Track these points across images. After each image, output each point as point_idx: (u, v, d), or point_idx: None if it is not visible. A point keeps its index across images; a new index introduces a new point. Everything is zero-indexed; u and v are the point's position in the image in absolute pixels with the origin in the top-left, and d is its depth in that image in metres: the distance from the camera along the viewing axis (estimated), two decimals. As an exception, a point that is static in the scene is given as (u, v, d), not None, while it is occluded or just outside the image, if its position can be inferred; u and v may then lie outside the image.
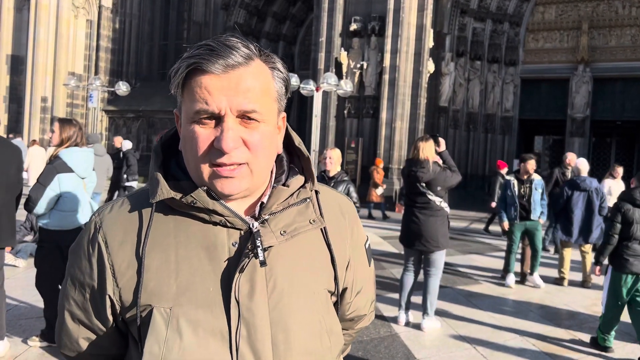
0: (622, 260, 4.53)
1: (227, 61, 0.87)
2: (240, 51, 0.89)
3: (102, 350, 1.04)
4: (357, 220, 1.15)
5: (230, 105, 0.88)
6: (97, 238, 0.96)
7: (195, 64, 0.88)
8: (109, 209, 1.00)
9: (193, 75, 0.89)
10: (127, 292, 0.93)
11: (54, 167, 3.92)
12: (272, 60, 0.96)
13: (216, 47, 0.88)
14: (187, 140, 0.91)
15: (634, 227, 4.53)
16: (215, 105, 0.87)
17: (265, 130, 0.92)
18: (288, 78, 0.99)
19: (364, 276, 1.15)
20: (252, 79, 0.90)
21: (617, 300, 4.58)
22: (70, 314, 1.00)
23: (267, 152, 0.94)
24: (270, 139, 0.94)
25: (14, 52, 23.47)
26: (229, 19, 22.84)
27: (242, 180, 0.91)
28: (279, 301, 0.93)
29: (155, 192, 0.93)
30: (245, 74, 0.89)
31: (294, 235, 0.97)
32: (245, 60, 0.89)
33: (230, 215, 0.93)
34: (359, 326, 1.23)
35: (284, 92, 0.98)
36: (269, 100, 0.93)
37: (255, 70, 0.91)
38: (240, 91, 0.88)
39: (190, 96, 0.90)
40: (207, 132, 0.89)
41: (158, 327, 0.89)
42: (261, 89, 0.91)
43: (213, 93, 0.87)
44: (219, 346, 0.89)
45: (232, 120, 0.89)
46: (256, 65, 0.92)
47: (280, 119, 0.99)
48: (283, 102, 0.98)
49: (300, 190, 1.01)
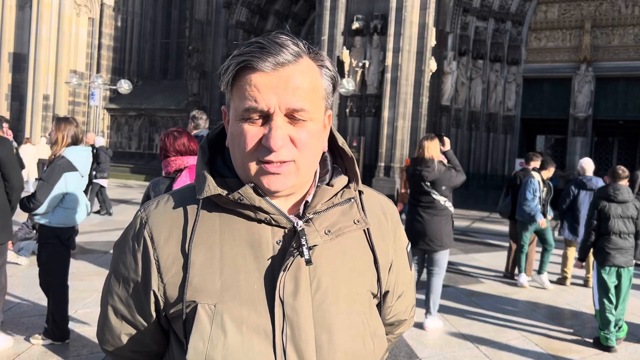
0: (605, 254, 4.78)
1: (277, 59, 0.87)
2: (290, 49, 0.89)
3: (142, 347, 1.04)
4: (399, 222, 1.14)
5: (279, 104, 0.88)
6: (142, 233, 0.96)
7: (246, 62, 0.88)
8: (155, 204, 1.00)
9: (243, 73, 0.89)
10: (172, 288, 0.93)
11: (60, 165, 3.94)
12: (320, 58, 0.95)
13: (266, 44, 0.88)
14: (235, 138, 0.92)
15: (612, 222, 4.79)
16: (265, 103, 0.87)
17: (313, 128, 0.92)
18: (336, 76, 0.98)
19: (405, 280, 1.13)
20: (301, 77, 0.90)
21: (605, 293, 4.77)
22: (114, 309, 1.00)
23: (313, 150, 0.94)
24: (317, 137, 0.94)
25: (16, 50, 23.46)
26: (231, 17, 22.82)
27: (288, 177, 0.91)
28: (322, 301, 0.93)
29: (202, 189, 0.93)
30: (295, 72, 0.89)
31: (338, 235, 0.97)
32: (294, 58, 0.89)
33: (276, 213, 0.93)
34: (398, 331, 1.22)
35: (332, 90, 0.98)
36: (317, 98, 0.93)
37: (304, 69, 0.91)
38: (289, 89, 0.88)
39: (239, 94, 0.90)
40: (255, 130, 0.89)
41: (202, 323, 0.89)
42: (310, 87, 0.91)
43: (262, 91, 0.87)
44: (263, 345, 0.89)
45: (281, 119, 0.88)
46: (305, 63, 0.91)
47: (326, 117, 0.99)
48: (330, 100, 0.98)
49: (344, 190, 1.00)
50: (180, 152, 3.20)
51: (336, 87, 0.99)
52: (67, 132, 4.03)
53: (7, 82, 23.51)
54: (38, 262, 4.15)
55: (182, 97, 23.90)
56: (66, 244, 4.13)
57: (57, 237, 4.05)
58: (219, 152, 1.02)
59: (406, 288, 1.14)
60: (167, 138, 3.23)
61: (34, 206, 3.89)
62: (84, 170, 4.15)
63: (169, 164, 3.18)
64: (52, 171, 3.94)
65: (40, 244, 4.12)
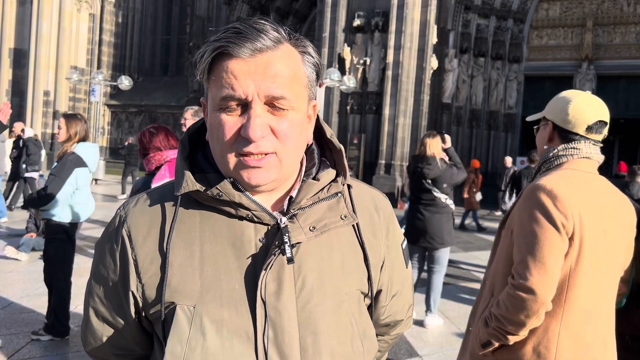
0: None
1: (254, 45, 0.82)
2: (269, 34, 0.84)
3: (125, 350, 1.00)
4: (393, 217, 1.07)
5: (257, 91, 0.83)
6: (121, 232, 0.92)
7: (222, 48, 0.83)
8: (134, 202, 0.96)
9: (219, 60, 0.85)
10: (151, 289, 0.89)
11: (71, 161, 3.99)
12: (302, 44, 0.90)
13: (244, 30, 0.83)
14: (213, 129, 0.87)
15: None
16: (242, 90, 0.82)
17: (295, 118, 0.87)
18: (320, 63, 0.93)
19: (401, 279, 1.07)
20: (281, 63, 0.84)
21: None
22: (95, 311, 0.96)
23: (296, 142, 0.89)
24: (300, 128, 0.89)
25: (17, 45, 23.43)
26: (232, 14, 22.79)
27: (269, 170, 0.86)
28: (307, 301, 0.88)
29: (180, 185, 0.89)
30: (274, 58, 0.84)
31: (324, 231, 0.91)
32: (274, 43, 0.84)
33: (257, 210, 0.88)
34: (395, 332, 1.15)
35: (315, 79, 0.92)
36: (298, 86, 0.88)
37: (285, 55, 0.86)
38: (268, 76, 0.83)
39: (216, 82, 0.85)
40: (233, 120, 0.84)
41: (181, 325, 0.85)
42: (290, 74, 0.86)
43: (240, 78, 0.82)
44: (244, 347, 0.84)
45: (260, 107, 0.83)
46: (285, 50, 0.86)
47: (310, 107, 0.93)
48: (314, 89, 0.93)
49: (332, 185, 0.95)
50: (159, 148, 3.16)
51: (320, 75, 0.94)
52: (78, 129, 4.08)
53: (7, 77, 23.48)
54: (44, 257, 4.16)
55: (183, 93, 23.89)
56: (73, 239, 4.17)
57: (65, 232, 4.09)
58: (200, 147, 0.97)
59: (402, 287, 1.09)
60: (143, 136, 3.20)
61: (46, 200, 3.90)
62: (93, 166, 4.22)
63: (150, 161, 3.15)
64: (64, 166, 3.98)
65: (48, 240, 4.13)
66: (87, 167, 4.12)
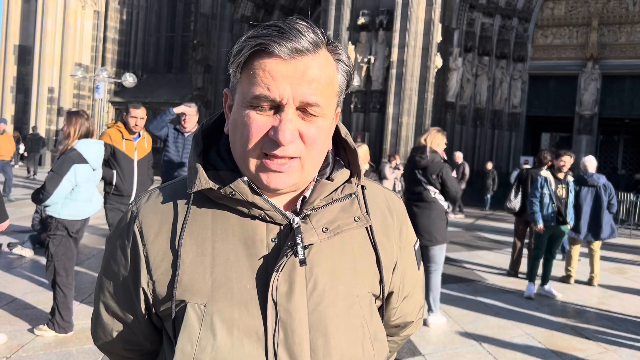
0: None
1: (295, 46, 0.81)
2: (309, 37, 0.83)
3: (135, 345, 1.00)
4: (407, 219, 1.06)
5: (293, 95, 0.81)
6: (132, 228, 0.92)
7: (262, 45, 0.81)
8: (146, 198, 0.95)
9: (257, 57, 0.83)
10: (161, 286, 0.89)
11: (70, 157, 4.00)
12: (338, 52, 0.89)
13: (286, 29, 0.82)
14: (238, 125, 0.85)
15: None
16: (278, 92, 0.81)
17: (323, 125, 0.86)
18: (352, 71, 0.92)
19: (412, 280, 1.06)
20: (319, 69, 0.83)
21: None
22: (105, 305, 0.96)
23: (321, 148, 0.88)
24: (326, 135, 0.89)
25: (22, 42, 23.51)
26: (237, 12, 22.80)
27: (290, 175, 0.85)
28: (319, 303, 0.87)
29: (193, 182, 0.88)
30: (312, 62, 0.83)
31: (337, 233, 0.90)
32: (313, 47, 0.83)
33: (270, 209, 0.87)
34: (405, 333, 1.14)
35: (345, 87, 0.92)
36: (331, 94, 0.87)
37: (322, 61, 0.85)
38: (305, 81, 0.82)
39: (250, 78, 0.83)
40: (263, 120, 0.83)
41: (191, 324, 0.85)
42: (326, 82, 0.85)
43: (277, 79, 0.81)
44: (254, 348, 0.84)
45: (292, 111, 0.82)
46: (323, 55, 0.85)
47: (335, 113, 0.92)
48: (342, 97, 0.92)
49: (345, 185, 0.94)
50: None
51: (350, 83, 0.93)
52: (78, 126, 4.09)
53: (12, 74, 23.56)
54: (45, 254, 4.17)
55: (187, 90, 23.92)
56: (74, 236, 4.17)
57: (66, 229, 4.10)
58: (213, 143, 0.96)
59: (414, 288, 1.07)
60: None
61: (44, 197, 3.93)
62: (95, 162, 4.21)
63: None
64: (62, 163, 3.99)
65: (49, 236, 4.15)
66: (88, 163, 4.12)
